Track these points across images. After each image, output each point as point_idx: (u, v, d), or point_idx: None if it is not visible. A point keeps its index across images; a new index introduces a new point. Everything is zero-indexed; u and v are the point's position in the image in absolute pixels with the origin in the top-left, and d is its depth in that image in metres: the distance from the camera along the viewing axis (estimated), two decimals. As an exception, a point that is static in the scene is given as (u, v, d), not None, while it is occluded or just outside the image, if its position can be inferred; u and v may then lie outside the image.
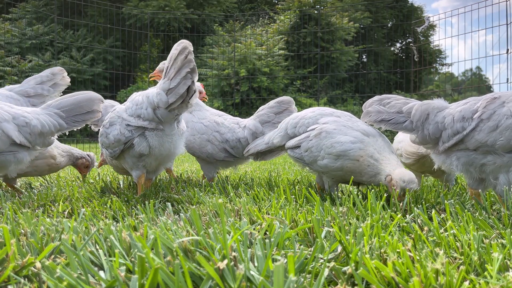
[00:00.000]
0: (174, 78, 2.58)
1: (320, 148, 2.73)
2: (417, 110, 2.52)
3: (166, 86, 2.61)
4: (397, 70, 26.33)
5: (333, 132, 2.73)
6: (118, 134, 2.74)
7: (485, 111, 2.26)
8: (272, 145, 3.20)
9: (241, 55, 22.45)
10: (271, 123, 3.62)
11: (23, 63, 21.14)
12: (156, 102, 2.63)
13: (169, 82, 2.60)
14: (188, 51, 2.57)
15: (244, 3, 33.20)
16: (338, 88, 26.43)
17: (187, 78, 2.57)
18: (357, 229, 1.55)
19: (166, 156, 2.86)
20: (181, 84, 2.58)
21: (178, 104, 2.62)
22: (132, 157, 2.80)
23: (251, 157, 3.53)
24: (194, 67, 2.59)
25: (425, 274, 1.15)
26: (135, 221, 1.86)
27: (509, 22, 8.43)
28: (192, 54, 2.60)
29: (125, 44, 21.19)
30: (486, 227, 1.74)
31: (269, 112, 3.63)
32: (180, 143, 2.89)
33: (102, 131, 2.89)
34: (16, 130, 2.56)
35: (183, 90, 2.58)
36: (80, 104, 2.84)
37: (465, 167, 2.39)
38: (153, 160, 2.83)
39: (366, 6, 26.00)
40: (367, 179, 2.65)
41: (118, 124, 2.77)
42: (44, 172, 3.38)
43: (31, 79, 3.39)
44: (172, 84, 2.58)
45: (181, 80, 2.57)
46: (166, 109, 2.64)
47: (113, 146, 2.81)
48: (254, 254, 1.27)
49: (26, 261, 1.24)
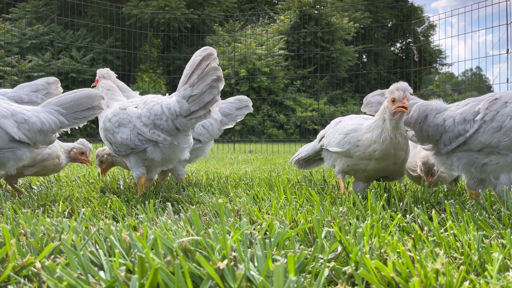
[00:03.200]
0: (197, 85, 2.47)
1: (335, 131, 2.98)
2: (414, 111, 2.51)
3: (187, 93, 2.50)
4: (397, 70, 26.33)
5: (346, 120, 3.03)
6: (127, 139, 2.72)
7: (488, 112, 2.25)
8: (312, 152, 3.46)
9: (241, 55, 22.46)
10: (233, 115, 3.81)
11: (23, 63, 21.15)
12: (178, 110, 2.54)
13: (191, 89, 2.49)
14: (214, 58, 2.48)
15: (244, 3, 33.21)
16: (338, 88, 26.43)
17: (213, 87, 2.48)
18: (357, 229, 1.55)
19: (172, 162, 2.90)
20: (206, 93, 2.48)
21: (200, 114, 2.54)
22: (138, 158, 2.80)
23: (295, 165, 3.75)
24: (221, 75, 2.49)
25: (425, 274, 1.15)
26: (135, 221, 1.86)
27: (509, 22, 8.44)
28: (217, 61, 2.50)
29: (125, 44, 21.19)
30: (486, 227, 1.74)
31: (230, 106, 3.80)
32: (187, 152, 2.90)
33: (108, 126, 2.84)
34: (15, 126, 2.56)
35: (208, 98, 2.49)
36: (80, 101, 2.82)
37: (466, 167, 2.38)
38: (158, 164, 2.87)
39: (366, 6, 26.01)
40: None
41: (128, 128, 2.73)
42: (49, 172, 3.39)
43: (25, 85, 3.35)
44: (195, 91, 2.48)
45: (206, 87, 2.47)
46: (185, 117, 2.56)
47: (119, 146, 2.80)
48: (254, 254, 1.27)
49: (26, 261, 1.24)
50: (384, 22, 29.74)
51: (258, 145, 15.17)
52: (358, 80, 26.31)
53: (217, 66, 2.48)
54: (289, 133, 23.12)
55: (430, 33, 28.76)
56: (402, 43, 32.67)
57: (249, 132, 22.72)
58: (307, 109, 23.78)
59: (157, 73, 26.16)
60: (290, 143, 16.57)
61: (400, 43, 32.81)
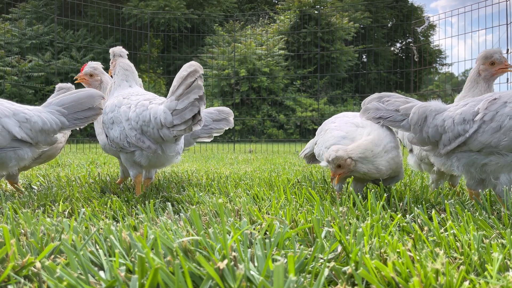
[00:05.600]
0: (181, 100, 2.49)
1: (323, 142, 3.00)
2: (414, 113, 2.51)
3: (172, 106, 2.51)
4: (397, 70, 26.34)
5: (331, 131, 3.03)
6: (118, 137, 2.73)
7: (487, 112, 2.25)
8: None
9: (241, 55, 22.45)
10: (207, 127, 3.69)
11: (23, 63, 21.15)
12: (163, 121, 2.54)
13: (176, 102, 2.50)
14: (198, 76, 2.48)
15: (244, 3, 33.21)
16: (338, 88, 26.44)
17: (194, 105, 2.48)
18: (357, 229, 1.55)
19: (160, 167, 2.95)
20: (187, 110, 2.49)
21: (181, 128, 2.54)
22: (128, 158, 2.81)
23: (304, 160, 3.77)
24: (203, 94, 2.49)
25: (425, 274, 1.15)
26: (135, 221, 1.86)
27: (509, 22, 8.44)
28: (201, 79, 2.51)
29: (125, 44, 21.13)
30: (486, 227, 1.74)
31: (207, 117, 3.68)
32: (176, 159, 2.89)
33: (104, 119, 2.85)
34: (16, 125, 2.57)
35: (189, 116, 2.50)
36: (81, 101, 2.83)
37: (466, 167, 2.38)
38: (148, 167, 2.90)
39: (366, 6, 26.01)
40: None
41: (119, 128, 2.72)
42: (54, 156, 3.47)
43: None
44: (179, 105, 2.49)
45: (189, 105, 2.48)
46: (168, 129, 2.56)
47: (112, 142, 2.82)
48: (254, 254, 1.27)
49: (26, 261, 1.24)
50: (384, 22, 29.75)
51: (258, 145, 15.17)
52: (358, 80, 26.31)
53: (200, 85, 2.48)
54: (289, 133, 23.12)
55: (430, 33, 28.77)
56: (402, 43, 32.68)
57: (249, 132, 22.72)
58: (307, 109, 23.79)
59: (157, 73, 26.16)
60: (290, 143, 16.57)
61: (400, 43, 32.82)
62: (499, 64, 2.92)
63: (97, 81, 3.51)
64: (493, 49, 2.99)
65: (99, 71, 3.52)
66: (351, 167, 2.54)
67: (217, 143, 14.65)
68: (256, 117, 22.89)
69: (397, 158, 2.67)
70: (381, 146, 2.57)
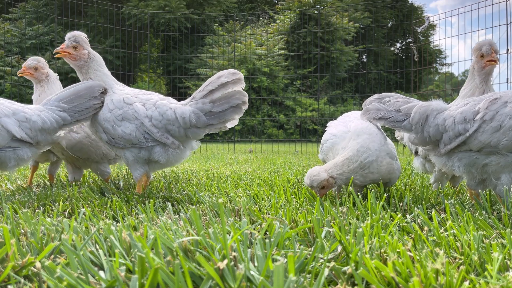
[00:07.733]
0: (220, 103, 2.72)
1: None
2: (415, 112, 2.51)
3: (206, 108, 2.72)
4: (397, 70, 26.33)
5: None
6: (130, 134, 2.72)
7: (487, 111, 2.25)
8: None
9: (241, 55, 22.45)
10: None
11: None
12: (194, 122, 2.74)
13: (211, 105, 2.71)
14: (242, 82, 2.77)
15: (244, 3, 33.21)
16: (338, 88, 26.43)
17: (238, 107, 2.77)
18: (357, 229, 1.55)
19: (173, 165, 2.98)
20: (228, 111, 2.74)
21: (217, 127, 2.79)
22: (137, 156, 2.79)
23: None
24: (246, 100, 2.79)
25: (425, 274, 1.15)
26: (135, 221, 1.86)
27: (509, 22, 8.44)
28: (244, 85, 2.80)
29: (125, 44, 21.19)
30: (486, 227, 1.74)
31: None
32: (188, 155, 3.01)
33: (109, 116, 2.76)
34: (16, 125, 2.56)
35: (230, 117, 2.77)
36: (80, 94, 2.76)
37: (466, 168, 2.38)
38: (159, 166, 2.92)
39: (366, 6, 26.01)
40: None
41: (134, 125, 2.73)
42: (95, 150, 3.31)
43: None
44: (216, 109, 2.72)
45: (230, 107, 2.74)
46: (199, 128, 2.77)
47: (119, 139, 2.77)
48: (254, 254, 1.27)
49: (26, 261, 1.24)
50: (384, 22, 29.76)
51: (258, 145, 15.16)
52: (358, 80, 26.31)
53: (245, 92, 2.79)
54: (289, 133, 23.12)
55: (430, 33, 28.76)
56: (402, 43, 32.68)
57: (249, 132, 22.72)
58: (307, 109, 23.78)
59: (157, 73, 26.16)
60: (290, 143, 16.57)
61: (400, 43, 32.82)
62: (487, 56, 2.88)
63: (43, 74, 3.35)
64: (483, 41, 2.93)
65: (43, 63, 3.37)
66: (334, 184, 2.56)
67: (217, 143, 14.65)
68: (256, 117, 22.88)
69: (388, 165, 2.63)
70: (357, 162, 2.53)
